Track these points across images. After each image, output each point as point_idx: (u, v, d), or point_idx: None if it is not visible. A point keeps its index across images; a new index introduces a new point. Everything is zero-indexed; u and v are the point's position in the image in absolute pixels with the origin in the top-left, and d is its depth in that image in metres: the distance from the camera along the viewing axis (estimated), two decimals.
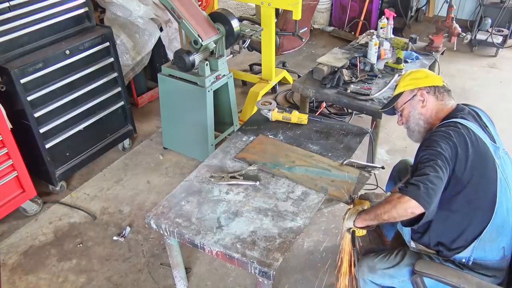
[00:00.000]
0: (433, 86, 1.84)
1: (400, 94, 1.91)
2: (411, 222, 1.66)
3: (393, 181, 2.29)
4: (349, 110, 3.78)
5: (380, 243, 2.52)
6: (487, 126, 1.76)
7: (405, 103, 1.89)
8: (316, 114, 2.58)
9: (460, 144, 1.61)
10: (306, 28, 3.97)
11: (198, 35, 2.75)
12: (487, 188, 1.64)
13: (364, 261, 1.89)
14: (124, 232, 2.70)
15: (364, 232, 1.77)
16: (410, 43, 3.33)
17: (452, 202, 1.65)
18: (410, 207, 1.53)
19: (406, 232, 1.85)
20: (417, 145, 1.80)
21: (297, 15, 3.26)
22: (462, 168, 1.60)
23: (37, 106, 2.68)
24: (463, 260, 1.69)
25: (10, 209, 2.69)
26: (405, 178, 2.04)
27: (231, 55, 3.35)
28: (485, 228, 1.63)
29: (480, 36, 4.81)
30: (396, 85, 1.98)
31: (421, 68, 3.22)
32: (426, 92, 1.83)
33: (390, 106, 1.98)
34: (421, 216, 1.57)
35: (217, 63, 2.94)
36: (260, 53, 3.81)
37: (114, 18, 3.36)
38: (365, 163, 2.23)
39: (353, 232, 1.77)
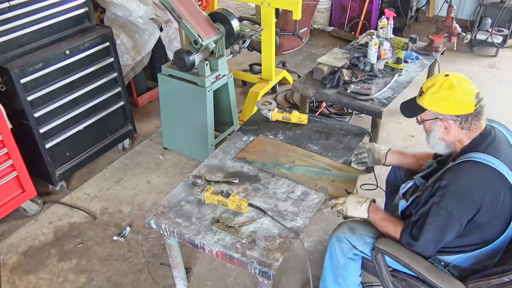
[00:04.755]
0: (461, 115, 1.60)
1: (423, 108, 1.68)
2: None
3: (394, 174, 2.26)
4: (349, 110, 3.78)
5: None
6: None
7: (426, 120, 1.70)
8: (316, 114, 2.57)
9: (484, 199, 1.53)
10: (306, 28, 3.96)
11: (198, 35, 2.75)
12: (500, 223, 1.59)
13: (346, 223, 1.89)
14: (124, 232, 2.70)
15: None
16: (410, 43, 3.33)
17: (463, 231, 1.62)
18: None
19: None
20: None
21: (297, 15, 3.26)
22: (480, 216, 1.55)
23: (37, 106, 2.68)
24: (442, 263, 1.70)
25: (10, 209, 2.69)
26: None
27: (231, 55, 3.35)
28: (479, 249, 1.63)
29: (480, 36, 4.80)
30: (421, 90, 1.69)
31: (421, 68, 3.22)
32: (452, 121, 1.61)
33: (411, 117, 1.76)
34: None
35: (217, 63, 2.94)
36: (260, 53, 3.81)
37: (114, 18, 3.36)
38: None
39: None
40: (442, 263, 1.70)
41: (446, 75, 1.64)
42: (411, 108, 1.74)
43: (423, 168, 1.88)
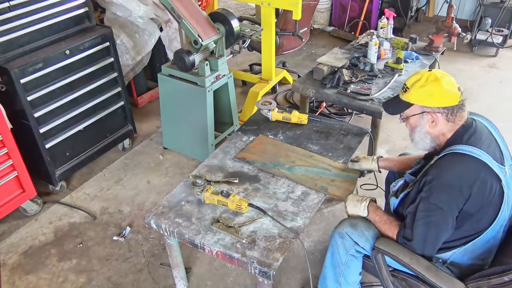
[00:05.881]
0: (448, 107, 1.62)
1: (409, 103, 1.70)
2: None
3: (393, 174, 2.27)
4: (349, 110, 3.78)
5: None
6: (496, 140, 1.66)
7: (412, 115, 1.71)
8: (316, 114, 2.57)
9: (472, 189, 1.53)
10: (306, 28, 3.97)
11: (198, 35, 2.75)
12: (490, 212, 1.59)
13: (347, 220, 1.89)
14: (124, 232, 2.70)
15: None
16: (410, 43, 3.32)
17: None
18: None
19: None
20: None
21: (297, 15, 3.26)
22: (470, 206, 1.56)
23: (37, 106, 2.68)
24: (440, 260, 1.71)
25: (10, 209, 2.69)
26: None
27: (231, 55, 3.35)
28: (472, 241, 1.63)
29: (480, 36, 4.80)
30: (405, 86, 1.72)
31: (421, 68, 3.22)
32: (439, 113, 1.64)
33: (396, 114, 1.78)
34: None
35: (217, 63, 2.94)
36: (260, 53, 3.81)
37: (114, 18, 3.36)
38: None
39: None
40: (440, 261, 1.70)
41: (429, 70, 1.68)
42: (396, 105, 1.76)
43: (412, 165, 1.90)
